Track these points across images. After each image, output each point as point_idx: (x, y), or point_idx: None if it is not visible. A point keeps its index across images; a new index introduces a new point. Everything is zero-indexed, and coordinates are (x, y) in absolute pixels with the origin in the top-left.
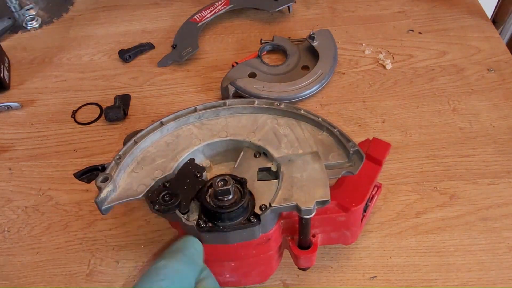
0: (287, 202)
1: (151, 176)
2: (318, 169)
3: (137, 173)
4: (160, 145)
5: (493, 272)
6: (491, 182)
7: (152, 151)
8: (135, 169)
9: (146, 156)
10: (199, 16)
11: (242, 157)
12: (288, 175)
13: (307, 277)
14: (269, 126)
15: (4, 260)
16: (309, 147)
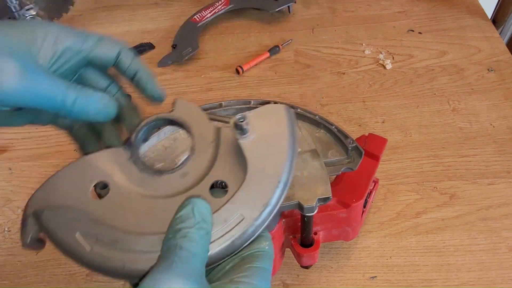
0: (289, 201)
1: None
2: (317, 167)
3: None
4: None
5: (493, 272)
6: (491, 182)
7: (150, 156)
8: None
9: (145, 161)
10: (199, 16)
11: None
12: None
13: (307, 277)
14: None
15: (4, 260)
16: (308, 145)
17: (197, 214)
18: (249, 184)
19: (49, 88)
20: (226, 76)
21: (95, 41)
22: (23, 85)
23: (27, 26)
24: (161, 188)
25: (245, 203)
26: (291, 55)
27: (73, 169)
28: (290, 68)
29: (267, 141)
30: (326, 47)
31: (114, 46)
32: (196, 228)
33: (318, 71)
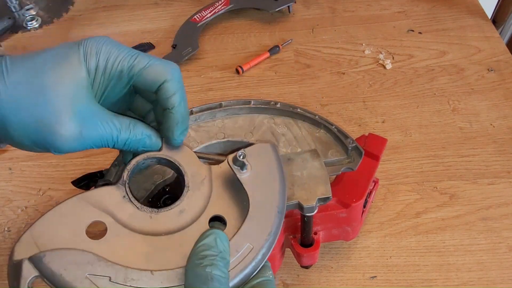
0: (289, 201)
1: (150, 180)
2: (318, 167)
3: (136, 178)
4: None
5: (493, 272)
6: (491, 182)
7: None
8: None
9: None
10: (199, 16)
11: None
12: (288, 173)
13: (307, 277)
14: (266, 126)
15: (4, 260)
16: (308, 145)
17: (219, 244)
18: (253, 216)
19: (103, 134)
20: (226, 76)
21: (144, 65)
22: (79, 139)
23: (63, 52)
24: (160, 226)
25: (252, 234)
26: (291, 55)
27: (64, 209)
28: (290, 68)
29: (262, 175)
30: (326, 47)
31: (161, 74)
32: (219, 257)
33: (318, 71)
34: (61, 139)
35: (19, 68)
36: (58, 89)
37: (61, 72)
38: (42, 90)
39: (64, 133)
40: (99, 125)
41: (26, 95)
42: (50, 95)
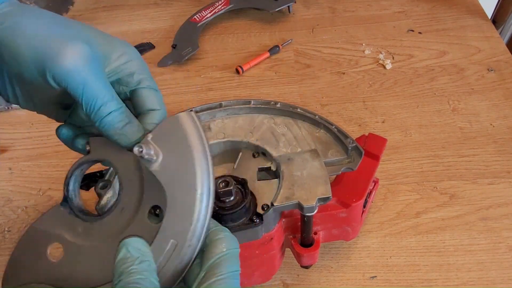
0: (289, 201)
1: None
2: (317, 167)
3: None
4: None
5: (493, 272)
6: (491, 182)
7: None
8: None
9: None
10: (199, 16)
11: (240, 157)
12: (289, 173)
13: (307, 277)
14: (266, 125)
15: (4, 260)
16: (308, 145)
17: (133, 252)
18: (172, 208)
19: (97, 87)
20: (226, 76)
21: (148, 85)
22: (80, 70)
23: (113, 40)
24: (106, 230)
25: (174, 228)
26: (291, 55)
27: (25, 242)
28: (290, 68)
29: (174, 157)
30: (326, 47)
31: (159, 103)
32: (137, 263)
33: (318, 71)
34: (68, 52)
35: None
36: (90, 42)
37: (102, 42)
38: (67, 22)
39: (72, 49)
40: (99, 78)
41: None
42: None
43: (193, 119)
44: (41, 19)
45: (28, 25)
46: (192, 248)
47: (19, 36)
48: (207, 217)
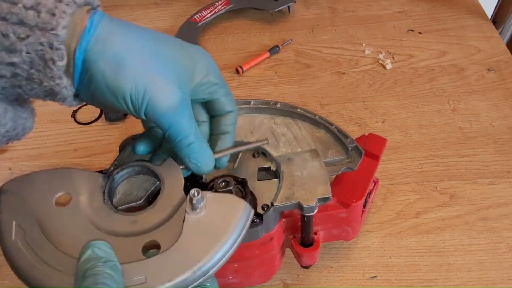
0: (289, 201)
1: (150, 180)
2: (317, 167)
3: (136, 178)
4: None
5: (493, 272)
6: (491, 182)
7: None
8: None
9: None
10: (199, 16)
11: (240, 157)
12: (289, 173)
13: (307, 277)
14: (266, 125)
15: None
16: (308, 145)
17: (99, 253)
18: (168, 256)
19: (182, 125)
20: (226, 76)
21: (223, 93)
22: (171, 114)
23: (194, 54)
24: (109, 224)
25: (153, 270)
26: (291, 55)
27: (52, 173)
28: (290, 68)
29: (211, 226)
30: (326, 47)
31: (233, 105)
32: (102, 262)
33: (318, 71)
34: (165, 97)
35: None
36: (178, 69)
37: (185, 54)
38: (163, 56)
39: (170, 94)
40: (186, 117)
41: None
42: (169, 62)
43: (247, 214)
44: (142, 49)
45: (130, 59)
46: None
47: (120, 71)
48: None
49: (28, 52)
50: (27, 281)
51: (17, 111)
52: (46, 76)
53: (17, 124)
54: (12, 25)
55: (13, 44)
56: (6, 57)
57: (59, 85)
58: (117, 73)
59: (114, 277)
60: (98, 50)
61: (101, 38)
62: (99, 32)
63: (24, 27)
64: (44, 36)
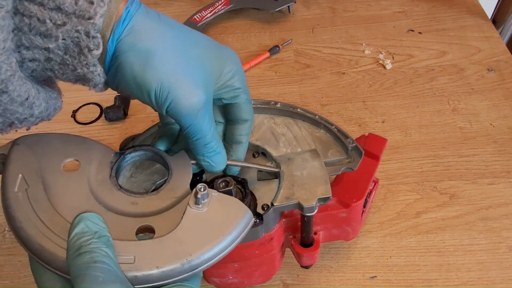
0: (289, 201)
1: (150, 180)
2: (317, 167)
3: (136, 178)
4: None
5: (493, 272)
6: (491, 182)
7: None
8: (134, 174)
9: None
10: (199, 16)
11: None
12: (289, 173)
13: (307, 277)
14: (266, 125)
15: (4, 260)
16: (308, 145)
17: (91, 226)
18: (161, 243)
19: (202, 125)
20: None
21: (244, 100)
22: (194, 114)
23: (223, 54)
24: (109, 199)
25: (144, 254)
26: (291, 55)
27: (67, 137)
28: (290, 68)
29: (209, 224)
30: (326, 47)
31: (250, 113)
32: (95, 238)
33: (318, 71)
34: (189, 99)
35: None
36: (204, 71)
37: (215, 55)
38: (196, 57)
39: (194, 96)
40: (207, 118)
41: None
42: (200, 64)
43: (247, 221)
44: (174, 47)
45: (160, 55)
46: (138, 281)
47: (149, 66)
48: (172, 278)
49: (63, 38)
50: (18, 234)
51: (47, 91)
52: (81, 63)
53: (49, 104)
54: (49, 11)
55: (49, 30)
56: (41, 42)
57: (93, 72)
58: (145, 67)
59: (109, 255)
60: (129, 42)
61: (135, 30)
62: (133, 23)
63: (61, 13)
64: (81, 24)
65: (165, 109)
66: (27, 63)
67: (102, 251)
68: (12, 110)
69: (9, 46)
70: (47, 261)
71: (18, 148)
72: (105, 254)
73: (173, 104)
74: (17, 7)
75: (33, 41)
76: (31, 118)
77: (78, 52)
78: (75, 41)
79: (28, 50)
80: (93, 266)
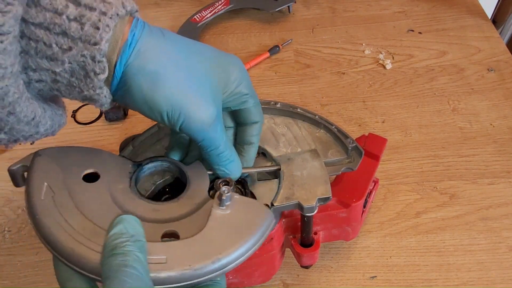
0: (289, 201)
1: (150, 180)
2: (317, 167)
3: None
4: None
5: (493, 272)
6: (491, 182)
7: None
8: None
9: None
10: (199, 16)
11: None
12: (289, 173)
13: (307, 277)
14: (266, 125)
15: (4, 260)
16: (308, 145)
17: (130, 229)
18: (191, 243)
19: (214, 137)
20: None
21: (253, 104)
22: (205, 129)
23: (228, 64)
24: (131, 208)
25: (175, 254)
26: (291, 55)
27: (85, 150)
28: (290, 68)
29: (234, 225)
30: (326, 47)
31: (260, 115)
32: (131, 241)
33: (318, 71)
34: (200, 115)
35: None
36: (211, 84)
37: (219, 65)
38: (200, 73)
39: (205, 111)
40: (219, 131)
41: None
42: (205, 79)
43: (270, 223)
44: (179, 67)
45: (167, 76)
46: (168, 280)
47: (158, 89)
48: (202, 277)
49: (70, 62)
50: (48, 240)
51: (53, 109)
52: (87, 85)
53: (54, 122)
54: (55, 35)
55: (55, 54)
56: (48, 65)
57: (99, 95)
58: (154, 90)
59: (141, 260)
60: (137, 65)
61: (142, 52)
62: (139, 46)
63: (67, 38)
64: (86, 48)
65: (178, 127)
66: (34, 84)
67: (135, 255)
68: (18, 129)
69: (17, 70)
70: (79, 264)
71: (41, 159)
72: (137, 258)
73: (185, 123)
74: (23, 31)
75: (39, 64)
76: (36, 135)
77: (84, 75)
78: (81, 65)
79: (35, 72)
80: (124, 270)
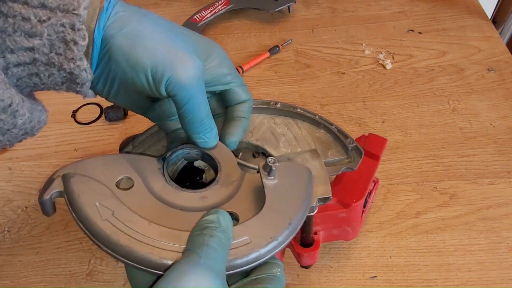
0: None
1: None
2: (318, 167)
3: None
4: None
5: (493, 272)
6: (491, 182)
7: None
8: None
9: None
10: (199, 16)
11: (240, 158)
12: None
13: (307, 277)
14: (266, 125)
15: (4, 260)
16: (308, 145)
17: (222, 221)
18: (263, 217)
19: (199, 99)
20: None
21: (237, 84)
22: (193, 84)
23: (207, 43)
24: (179, 201)
25: (255, 231)
26: (291, 55)
27: (111, 158)
28: (290, 68)
29: (287, 189)
30: (326, 47)
31: (247, 94)
32: (220, 230)
33: (318, 71)
34: (186, 68)
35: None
36: (198, 52)
37: (202, 46)
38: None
39: (192, 64)
40: (203, 92)
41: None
42: (190, 39)
43: (310, 177)
44: (159, 27)
45: (148, 33)
46: (257, 256)
47: (140, 45)
48: (282, 245)
49: (49, 34)
50: (128, 257)
51: (32, 103)
52: (66, 58)
53: (33, 116)
54: (33, 8)
55: (33, 27)
56: (26, 42)
57: (79, 67)
58: (136, 47)
59: (225, 247)
60: (116, 27)
61: (119, 15)
62: (116, 10)
63: (46, 9)
64: (65, 17)
65: (164, 85)
66: (12, 69)
67: (221, 241)
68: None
69: None
70: (158, 269)
71: (76, 180)
72: (220, 244)
73: (171, 78)
74: (0, 9)
75: (17, 42)
76: (14, 129)
77: (64, 48)
78: (60, 36)
79: (12, 53)
80: (204, 247)
